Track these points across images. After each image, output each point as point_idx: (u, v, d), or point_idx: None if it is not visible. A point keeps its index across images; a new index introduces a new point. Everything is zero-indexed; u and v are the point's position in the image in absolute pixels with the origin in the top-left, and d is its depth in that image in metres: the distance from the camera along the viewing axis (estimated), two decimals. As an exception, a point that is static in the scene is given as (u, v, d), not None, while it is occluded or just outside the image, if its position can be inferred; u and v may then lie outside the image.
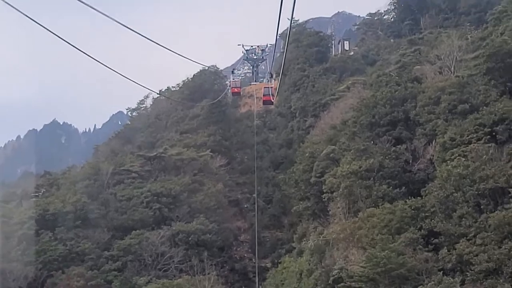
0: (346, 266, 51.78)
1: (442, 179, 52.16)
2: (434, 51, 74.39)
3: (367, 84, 78.64)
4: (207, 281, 63.12)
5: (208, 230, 76.09)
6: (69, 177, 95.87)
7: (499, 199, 48.37)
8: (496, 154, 52.00)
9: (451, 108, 59.31)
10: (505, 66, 60.21)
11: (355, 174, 58.91)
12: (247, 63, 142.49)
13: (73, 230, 76.40)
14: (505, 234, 44.94)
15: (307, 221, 69.74)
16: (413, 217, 51.51)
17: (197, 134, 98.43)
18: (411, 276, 46.40)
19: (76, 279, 68.72)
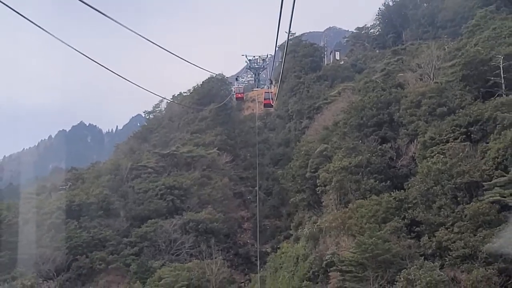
0: (337, 251, 52.10)
1: (423, 174, 52.66)
2: (415, 60, 74.66)
3: (355, 90, 78.83)
4: (214, 265, 63.60)
5: (215, 219, 76.75)
6: (93, 172, 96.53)
7: (474, 192, 48.85)
8: (471, 151, 52.53)
9: (430, 110, 59.74)
10: (479, 73, 60.88)
11: (345, 169, 59.35)
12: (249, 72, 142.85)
13: (96, 219, 77.24)
14: (479, 223, 45.49)
15: (302, 211, 70.23)
16: (397, 208, 52.01)
17: (205, 134, 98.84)
18: (395, 261, 46.75)
19: (98, 262, 69.37)
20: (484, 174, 48.98)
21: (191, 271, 61.42)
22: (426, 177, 51.93)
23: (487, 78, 60.46)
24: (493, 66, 59.81)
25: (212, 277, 62.02)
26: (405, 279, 43.33)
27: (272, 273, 63.04)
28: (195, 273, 61.17)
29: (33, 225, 75.08)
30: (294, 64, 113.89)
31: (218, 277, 62.56)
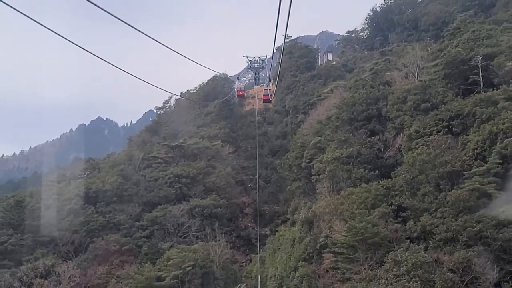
0: (330, 234, 51.49)
1: (408, 164, 52.22)
2: (401, 60, 74.07)
3: (347, 87, 78.10)
4: (218, 246, 63.24)
5: (219, 205, 76.38)
6: (108, 162, 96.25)
7: (455, 180, 48.24)
8: (453, 143, 51.99)
9: (415, 106, 59.12)
10: (459, 72, 60.38)
11: (337, 160, 58.73)
12: (250, 71, 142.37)
13: (111, 205, 77.02)
14: (460, 209, 44.80)
15: (298, 198, 69.48)
16: (385, 195, 51.32)
17: (210, 127, 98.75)
18: (384, 243, 46.13)
19: (113, 244, 68.80)
20: (465, 164, 48.39)
21: (196, 252, 60.85)
22: (411, 166, 51.48)
23: (467, 76, 59.91)
24: (473, 65, 59.45)
25: (216, 257, 61.58)
26: (393, 260, 42.70)
27: (271, 254, 62.55)
28: (200, 254, 60.61)
29: (54, 210, 74.72)
30: (291, 64, 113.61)
31: (222, 257, 62.17)
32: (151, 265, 60.04)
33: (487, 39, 64.10)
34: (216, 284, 58.28)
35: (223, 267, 61.48)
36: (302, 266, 51.64)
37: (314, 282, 49.76)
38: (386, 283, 41.25)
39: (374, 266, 45.17)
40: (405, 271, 40.95)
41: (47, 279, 63.23)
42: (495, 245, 41.67)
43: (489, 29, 67.48)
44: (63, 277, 63.46)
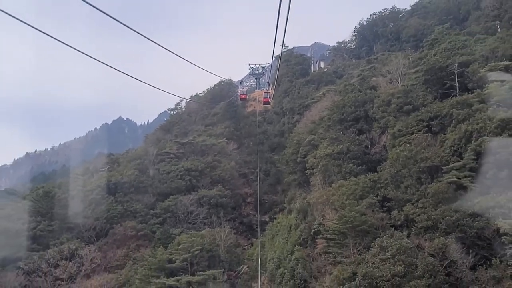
0: (323, 222, 50.78)
1: (392, 159, 51.67)
2: (385, 67, 73.45)
3: (337, 91, 77.31)
4: (223, 232, 62.58)
5: (224, 195, 75.78)
6: (127, 157, 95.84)
7: (435, 174, 47.85)
8: (432, 141, 51.52)
9: (398, 108, 58.66)
10: (437, 78, 60.11)
11: (329, 155, 58.16)
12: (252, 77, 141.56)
13: (128, 195, 76.48)
14: (439, 200, 44.41)
15: (294, 189, 68.93)
16: (372, 187, 50.78)
17: (216, 126, 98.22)
18: (371, 231, 45.49)
19: (130, 230, 68.54)
20: (443, 160, 48.05)
21: (204, 237, 60.19)
22: (395, 162, 50.98)
23: (444, 81, 59.53)
24: (449, 72, 59.13)
25: (221, 242, 60.77)
26: (379, 246, 42.20)
27: (270, 239, 61.89)
28: (207, 239, 59.93)
29: (78, 200, 74.31)
30: (287, 71, 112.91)
31: (226, 242, 61.36)
32: (164, 249, 59.25)
33: (462, 48, 63.60)
34: (221, 266, 57.47)
35: (228, 251, 60.67)
36: (297, 250, 51.08)
37: (308, 265, 49.14)
38: (373, 266, 40.67)
39: (362, 251, 44.68)
40: (390, 256, 40.57)
41: (71, 261, 63.20)
42: (470, 232, 41.26)
43: (464, 40, 66.90)
44: (86, 259, 63.30)
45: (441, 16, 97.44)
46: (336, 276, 42.49)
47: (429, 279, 38.45)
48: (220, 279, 52.97)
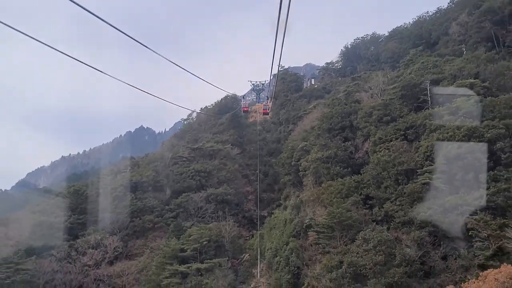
0: (314, 217, 50.27)
1: (374, 163, 51.15)
2: (367, 84, 72.56)
3: (326, 105, 76.48)
4: (228, 225, 61.55)
5: (229, 193, 74.55)
6: (146, 160, 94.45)
7: (410, 176, 47.22)
8: (408, 148, 50.83)
9: (379, 119, 57.72)
10: (412, 93, 59.29)
11: (319, 159, 57.31)
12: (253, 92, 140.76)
13: (147, 193, 75.20)
14: (414, 198, 44.19)
15: (289, 188, 67.91)
16: (356, 187, 50.28)
17: (222, 134, 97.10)
18: (355, 225, 45.03)
19: (148, 222, 67.93)
20: (417, 164, 47.43)
21: (211, 230, 59.15)
22: (376, 165, 50.41)
23: (418, 96, 58.69)
24: (422, 88, 58.50)
25: (226, 234, 59.69)
26: (362, 238, 42.05)
27: (268, 231, 61.03)
28: (214, 231, 58.90)
29: (104, 197, 73.45)
30: (283, 87, 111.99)
31: (230, 234, 60.23)
32: (176, 240, 58.47)
33: (433, 68, 63.04)
34: (226, 255, 56.56)
35: (232, 241, 59.64)
36: (292, 241, 50.38)
37: (301, 254, 48.41)
38: (357, 256, 40.46)
39: (348, 242, 44.40)
40: (372, 247, 40.43)
41: (97, 250, 62.16)
42: (442, 227, 40.92)
43: (435, 60, 66.25)
44: (109, 248, 62.37)
45: (414, 40, 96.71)
46: (325, 264, 41.96)
47: (406, 268, 38.15)
48: (225, 266, 52.05)
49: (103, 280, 58.18)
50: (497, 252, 33.62)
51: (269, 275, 51.79)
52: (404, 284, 37.27)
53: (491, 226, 36.05)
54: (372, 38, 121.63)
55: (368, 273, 38.40)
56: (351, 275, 39.07)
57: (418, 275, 37.94)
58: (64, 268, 59.22)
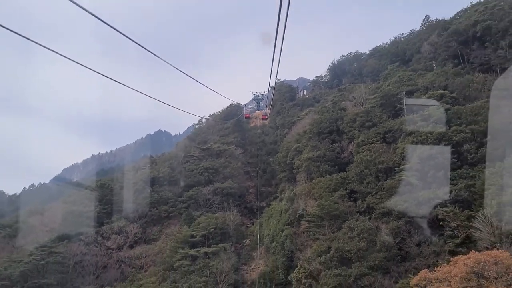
0: (305, 208, 49.27)
1: (357, 162, 49.75)
2: (351, 94, 71.45)
3: (316, 112, 75.18)
4: (232, 215, 60.70)
5: (233, 187, 73.32)
6: (162, 158, 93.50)
7: (389, 173, 46.02)
8: (387, 149, 49.41)
9: (361, 124, 56.48)
10: (390, 102, 57.96)
11: (310, 159, 56.16)
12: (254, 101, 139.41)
13: (163, 187, 74.26)
14: (392, 193, 43.02)
15: (284, 183, 66.77)
16: (342, 183, 49.02)
17: (228, 137, 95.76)
18: (341, 215, 43.89)
19: (163, 212, 67.57)
20: (395, 163, 46.24)
21: (217, 219, 58.21)
22: (359, 164, 49.09)
23: (395, 105, 57.36)
24: (399, 97, 57.14)
25: (230, 222, 58.77)
26: (348, 227, 41.01)
27: (266, 219, 60.01)
28: (220, 220, 57.96)
29: (126, 190, 72.65)
30: (280, 97, 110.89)
31: (234, 222, 59.33)
32: (187, 227, 57.65)
33: (408, 81, 61.72)
34: (230, 240, 55.71)
35: (235, 229, 58.69)
36: (286, 229, 49.56)
37: (295, 240, 47.57)
38: (343, 243, 39.41)
39: (335, 230, 43.28)
40: (356, 234, 39.46)
41: (119, 235, 61.70)
42: (416, 217, 39.86)
43: (410, 74, 65.07)
44: (130, 234, 61.95)
45: (391, 58, 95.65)
46: (315, 250, 41.01)
47: (385, 253, 37.29)
48: (229, 250, 51.23)
49: (124, 261, 57.40)
50: (465, 240, 32.67)
51: (267, 258, 50.90)
52: (383, 267, 36.37)
53: (459, 218, 35.15)
54: (355, 55, 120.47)
55: (352, 257, 37.48)
56: (338, 259, 38.12)
57: (396, 259, 37.02)
58: (91, 251, 58.44)
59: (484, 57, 66.15)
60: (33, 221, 68.85)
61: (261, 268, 49.26)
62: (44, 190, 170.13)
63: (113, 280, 54.14)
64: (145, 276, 47.72)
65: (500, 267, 25.35)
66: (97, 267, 56.03)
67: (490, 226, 30.87)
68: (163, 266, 49.92)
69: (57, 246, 56.42)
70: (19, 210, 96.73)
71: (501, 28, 65.58)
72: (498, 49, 64.45)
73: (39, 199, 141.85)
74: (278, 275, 46.09)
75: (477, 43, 69.25)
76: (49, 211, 72.68)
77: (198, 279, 42.96)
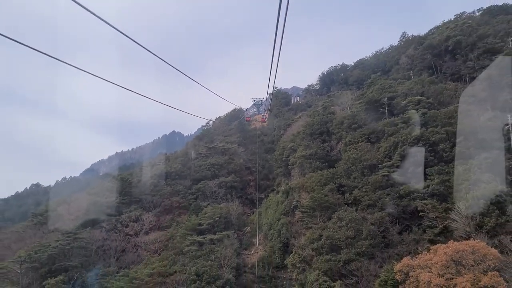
0: (299, 200, 47.55)
1: (345, 160, 48.19)
2: (339, 100, 70.07)
3: (308, 116, 73.72)
4: (234, 206, 59.05)
5: (236, 181, 71.85)
6: (174, 156, 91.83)
7: (373, 170, 44.33)
8: (371, 148, 47.80)
9: (349, 126, 54.86)
10: (374, 107, 56.70)
11: (304, 156, 54.63)
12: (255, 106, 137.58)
13: (174, 180, 72.69)
14: (376, 186, 41.54)
15: (280, 177, 65.40)
16: (331, 178, 47.08)
17: (231, 137, 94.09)
18: (331, 206, 42.20)
19: (175, 202, 65.40)
20: (379, 160, 44.74)
21: (222, 209, 56.37)
22: (347, 161, 47.47)
23: (378, 109, 56.24)
24: (381, 103, 56.12)
25: (233, 212, 57.09)
26: (337, 217, 39.16)
27: (264, 209, 58.47)
28: (224, 210, 56.16)
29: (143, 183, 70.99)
30: (277, 102, 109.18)
31: (236, 212, 57.57)
32: (195, 216, 55.77)
33: (389, 88, 60.02)
34: (233, 228, 53.85)
35: (237, 218, 56.93)
36: (282, 218, 47.97)
37: (290, 228, 45.89)
38: (333, 231, 37.60)
39: (326, 220, 41.51)
40: (344, 224, 37.69)
41: (136, 223, 59.83)
42: (398, 209, 38.40)
43: (390, 82, 63.36)
44: (146, 222, 59.93)
45: (373, 68, 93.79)
46: (308, 237, 39.27)
47: (371, 241, 35.58)
48: (232, 237, 49.36)
49: (140, 246, 55.55)
50: (443, 230, 30.98)
51: (265, 244, 49.23)
52: (369, 253, 34.72)
53: (438, 209, 33.49)
54: (342, 66, 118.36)
55: (341, 244, 35.82)
56: (328, 246, 36.44)
57: (380, 247, 35.36)
58: (111, 236, 56.65)
59: (455, 68, 64.65)
60: (61, 210, 67.16)
61: (260, 253, 47.59)
62: (74, 182, 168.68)
63: (130, 263, 52.33)
64: (158, 259, 45.86)
65: (477, 255, 23.76)
66: (117, 251, 54.19)
67: (465, 217, 29.19)
68: (174, 251, 48.18)
69: (81, 232, 54.78)
70: (50, 200, 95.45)
71: (470, 42, 64.05)
72: (467, 60, 62.92)
73: (69, 190, 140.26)
74: (275, 259, 44.51)
75: (449, 56, 67.68)
76: (75, 201, 70.95)
77: (205, 263, 41.16)
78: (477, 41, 62.78)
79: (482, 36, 62.90)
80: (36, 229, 62.01)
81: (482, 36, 62.90)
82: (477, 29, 66.22)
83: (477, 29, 66.24)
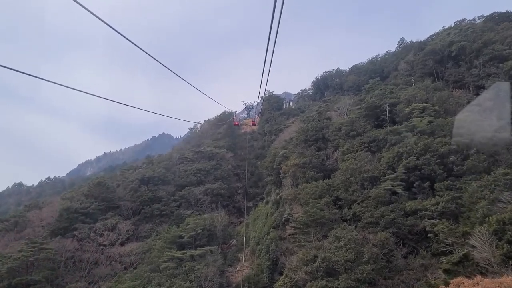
0: (291, 213, 42.61)
1: (342, 170, 43.29)
2: (336, 105, 65.57)
3: (301, 121, 69.05)
4: (220, 216, 53.34)
5: (223, 188, 66.84)
6: (158, 159, 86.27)
7: (374, 182, 39.69)
8: (372, 158, 43.32)
9: (346, 133, 50.31)
10: (374, 113, 52.25)
11: (297, 165, 49.37)
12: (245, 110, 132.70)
13: (156, 186, 66.84)
14: (379, 202, 36.63)
15: (271, 186, 59.97)
16: (327, 189, 42.14)
17: (220, 141, 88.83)
18: (327, 222, 37.33)
19: (156, 210, 60.13)
20: (381, 172, 40.00)
21: (206, 220, 50.50)
22: (344, 172, 42.61)
23: (378, 116, 51.80)
24: (382, 109, 51.53)
25: (218, 223, 51.10)
26: (334, 236, 34.25)
27: (252, 221, 53.76)
28: (208, 221, 50.24)
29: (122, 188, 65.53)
30: (268, 106, 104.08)
31: (221, 223, 51.56)
32: (176, 227, 50.24)
33: (390, 94, 55.87)
34: (217, 242, 48.55)
35: (222, 230, 51.24)
36: (272, 232, 42.81)
37: (280, 244, 40.63)
38: (330, 252, 32.62)
39: (321, 238, 36.49)
40: (343, 244, 32.74)
41: (112, 232, 54.23)
42: (404, 228, 33.69)
43: (391, 88, 59.20)
44: (122, 231, 54.46)
45: (370, 74, 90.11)
46: (301, 258, 34.12)
47: (373, 265, 30.69)
48: (215, 253, 43.95)
49: (115, 258, 50.01)
50: (462, 259, 26.21)
51: (252, 260, 44.06)
52: (371, 280, 29.90)
53: (455, 233, 28.75)
54: (337, 72, 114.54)
55: (340, 268, 30.90)
56: (324, 269, 31.46)
57: (384, 272, 30.56)
58: (83, 246, 51.16)
59: (458, 75, 60.76)
60: (31, 215, 61.34)
61: (246, 271, 42.37)
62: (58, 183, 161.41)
63: (103, 277, 46.83)
64: (130, 278, 40.32)
65: (513, 297, 19.06)
66: (88, 263, 48.59)
67: (489, 245, 24.55)
68: (150, 266, 42.78)
69: (50, 242, 48.99)
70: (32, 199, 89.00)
71: (474, 48, 60.26)
72: (472, 67, 59.09)
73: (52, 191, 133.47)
74: (263, 279, 39.30)
75: (451, 62, 63.91)
76: (48, 206, 65.19)
77: (182, 284, 35.86)
78: (483, 47, 59.03)
79: (487, 42, 59.18)
80: (0, 236, 55.95)
81: (487, 42, 59.18)
82: (482, 35, 62.56)
83: (482, 35, 62.59)
